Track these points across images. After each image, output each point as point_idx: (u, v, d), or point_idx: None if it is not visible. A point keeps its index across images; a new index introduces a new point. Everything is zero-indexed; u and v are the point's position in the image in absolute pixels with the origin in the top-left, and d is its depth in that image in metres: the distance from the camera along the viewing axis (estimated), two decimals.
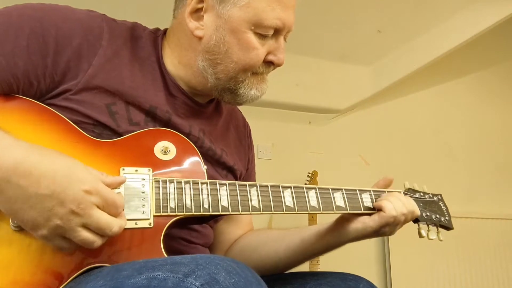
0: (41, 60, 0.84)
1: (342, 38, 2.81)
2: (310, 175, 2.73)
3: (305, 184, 2.65)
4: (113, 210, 0.73)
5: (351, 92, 3.10)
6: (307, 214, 2.54)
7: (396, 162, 3.11)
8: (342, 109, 3.14)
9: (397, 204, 1.00)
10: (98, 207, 0.71)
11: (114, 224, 0.72)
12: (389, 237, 2.94)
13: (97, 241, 0.71)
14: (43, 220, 0.68)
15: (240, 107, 1.24)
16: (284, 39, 1.01)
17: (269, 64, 1.00)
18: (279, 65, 1.00)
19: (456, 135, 3.39)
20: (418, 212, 1.06)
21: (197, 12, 0.96)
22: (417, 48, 2.86)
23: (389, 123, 3.27)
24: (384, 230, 1.01)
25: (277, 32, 0.97)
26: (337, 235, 1.04)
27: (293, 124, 3.09)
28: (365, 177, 2.90)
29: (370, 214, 1.01)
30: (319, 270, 2.37)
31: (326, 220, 1.09)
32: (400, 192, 1.10)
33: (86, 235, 0.70)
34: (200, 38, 0.96)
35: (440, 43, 2.76)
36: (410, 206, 1.03)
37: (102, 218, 0.71)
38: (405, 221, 1.04)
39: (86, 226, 0.70)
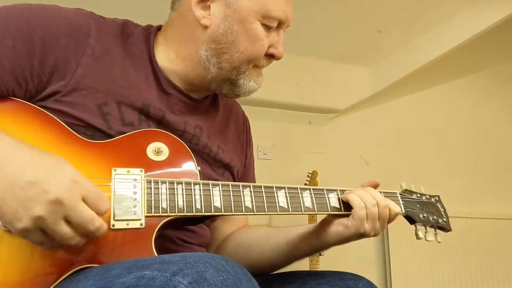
0: (28, 60, 0.83)
1: (342, 38, 2.81)
2: (310, 175, 2.72)
3: (305, 184, 2.66)
4: (101, 204, 0.71)
5: (351, 92, 3.10)
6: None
7: (396, 162, 3.11)
8: (342, 109, 3.14)
9: (364, 196, 0.97)
10: (83, 199, 0.69)
11: (97, 220, 0.70)
12: (389, 237, 2.94)
13: (75, 238, 0.69)
14: (24, 210, 0.65)
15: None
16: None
17: (270, 57, 1.02)
18: (279, 58, 1.03)
19: (455, 135, 3.38)
20: (396, 207, 1.01)
21: (203, 2, 0.98)
22: (417, 48, 2.86)
23: (389, 123, 3.26)
24: (365, 228, 0.97)
25: (279, 25, 1.00)
26: (320, 238, 1.02)
27: (293, 124, 3.08)
28: (365, 177, 2.86)
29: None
30: (319, 269, 2.37)
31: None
32: (395, 192, 1.09)
33: (65, 230, 0.68)
34: (206, 27, 0.97)
35: (440, 43, 2.77)
36: (380, 196, 0.99)
37: (86, 211, 0.69)
38: (383, 215, 0.99)
39: (68, 219, 0.68)
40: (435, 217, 1.13)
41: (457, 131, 3.40)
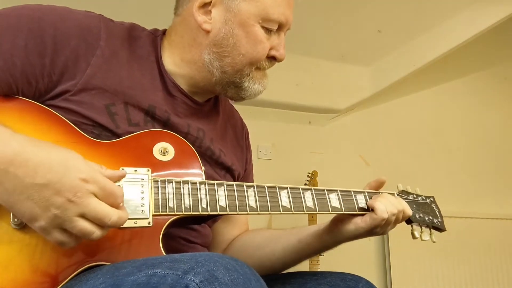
0: (39, 59, 0.84)
1: (342, 38, 2.81)
2: (310, 175, 2.73)
3: (305, 184, 2.67)
4: (112, 199, 0.71)
5: (351, 92, 3.11)
6: (307, 215, 2.54)
7: (396, 162, 3.12)
8: (342, 109, 3.14)
9: (388, 206, 1.01)
10: (96, 196, 0.70)
11: (113, 214, 0.70)
12: (389, 237, 2.96)
13: (96, 231, 0.69)
14: (40, 210, 0.67)
15: (240, 107, 1.25)
16: None
17: (271, 59, 1.04)
18: (280, 60, 1.04)
19: (455, 135, 3.39)
20: (409, 211, 1.06)
21: (204, 7, 0.99)
22: (417, 48, 2.87)
23: (389, 123, 3.27)
24: (376, 230, 1.03)
25: (280, 27, 1.02)
26: (333, 235, 1.06)
27: (293, 124, 3.09)
28: (365, 177, 2.84)
29: (363, 215, 1.03)
30: (319, 270, 2.37)
31: (326, 221, 1.10)
32: (393, 193, 1.11)
33: (84, 224, 0.68)
34: (207, 32, 0.99)
35: (440, 43, 2.77)
36: (400, 205, 1.04)
37: (100, 207, 0.69)
38: (397, 221, 1.05)
39: (84, 216, 0.68)
40: (430, 217, 1.15)
41: (457, 131, 3.41)
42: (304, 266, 1.14)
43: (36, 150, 0.69)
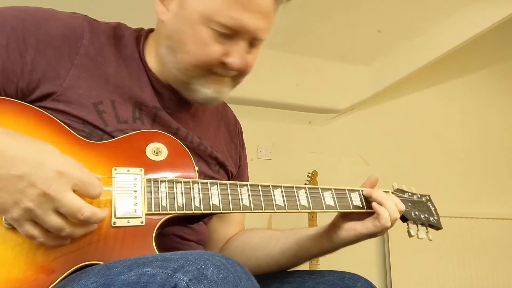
0: (20, 57, 0.85)
1: (342, 38, 2.82)
2: (310, 175, 2.74)
3: (305, 184, 2.67)
4: (90, 189, 0.72)
5: (351, 92, 3.11)
6: (307, 215, 2.54)
7: (396, 162, 3.12)
8: (342, 109, 3.15)
9: (392, 213, 1.00)
10: (73, 189, 0.70)
11: (86, 209, 0.70)
12: (389, 237, 2.96)
13: (66, 228, 0.70)
14: (13, 202, 0.67)
15: (240, 107, 1.25)
16: (253, 45, 0.95)
17: (225, 66, 0.94)
18: (233, 69, 0.94)
19: (456, 135, 3.39)
20: (402, 205, 1.05)
21: None
22: (417, 48, 2.87)
23: (389, 123, 3.27)
24: (376, 235, 1.02)
25: (236, 34, 0.91)
26: (331, 240, 1.05)
27: (293, 124, 3.10)
28: (365, 177, 2.83)
29: (359, 213, 1.03)
30: (319, 269, 2.38)
31: (326, 221, 1.10)
32: (388, 192, 1.11)
33: (55, 220, 0.69)
34: (163, 22, 0.95)
35: (440, 43, 2.77)
36: (401, 207, 1.04)
37: (73, 201, 0.69)
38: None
39: (57, 210, 0.69)
40: (426, 215, 1.15)
41: (457, 131, 3.41)
42: (304, 265, 1.14)
43: (12, 142, 0.69)
